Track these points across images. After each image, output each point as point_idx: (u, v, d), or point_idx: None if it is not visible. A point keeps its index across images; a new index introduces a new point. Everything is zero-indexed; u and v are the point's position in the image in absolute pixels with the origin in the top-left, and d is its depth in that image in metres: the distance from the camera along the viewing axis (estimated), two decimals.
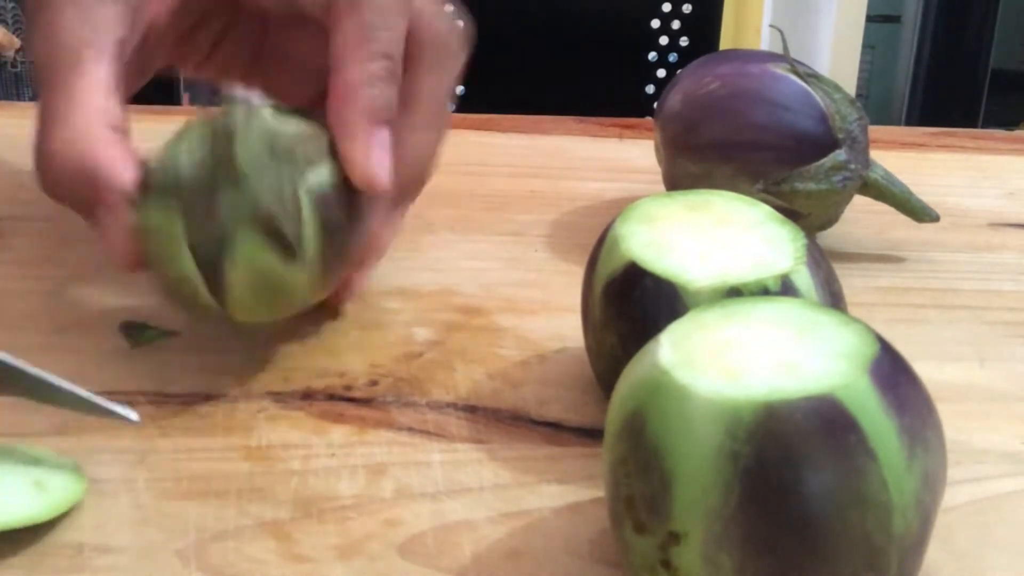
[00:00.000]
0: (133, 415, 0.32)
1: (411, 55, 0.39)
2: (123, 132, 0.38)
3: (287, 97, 0.42)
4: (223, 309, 0.34)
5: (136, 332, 0.38)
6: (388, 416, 0.35)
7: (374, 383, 0.37)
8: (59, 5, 0.38)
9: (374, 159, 0.36)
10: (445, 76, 0.41)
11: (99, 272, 0.43)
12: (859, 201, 0.48)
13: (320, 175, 0.35)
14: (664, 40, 1.09)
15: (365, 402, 0.36)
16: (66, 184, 0.36)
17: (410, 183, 0.40)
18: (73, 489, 0.30)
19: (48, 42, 0.38)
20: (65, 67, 0.37)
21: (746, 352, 0.25)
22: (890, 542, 0.24)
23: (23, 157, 0.55)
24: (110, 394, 0.36)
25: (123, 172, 0.35)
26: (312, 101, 0.43)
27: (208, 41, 0.45)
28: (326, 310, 0.40)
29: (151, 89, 0.44)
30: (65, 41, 0.37)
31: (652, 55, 1.10)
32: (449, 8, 0.41)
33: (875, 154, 0.48)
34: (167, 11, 0.41)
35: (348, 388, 0.37)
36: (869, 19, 1.65)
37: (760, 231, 0.33)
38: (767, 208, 0.35)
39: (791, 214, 0.44)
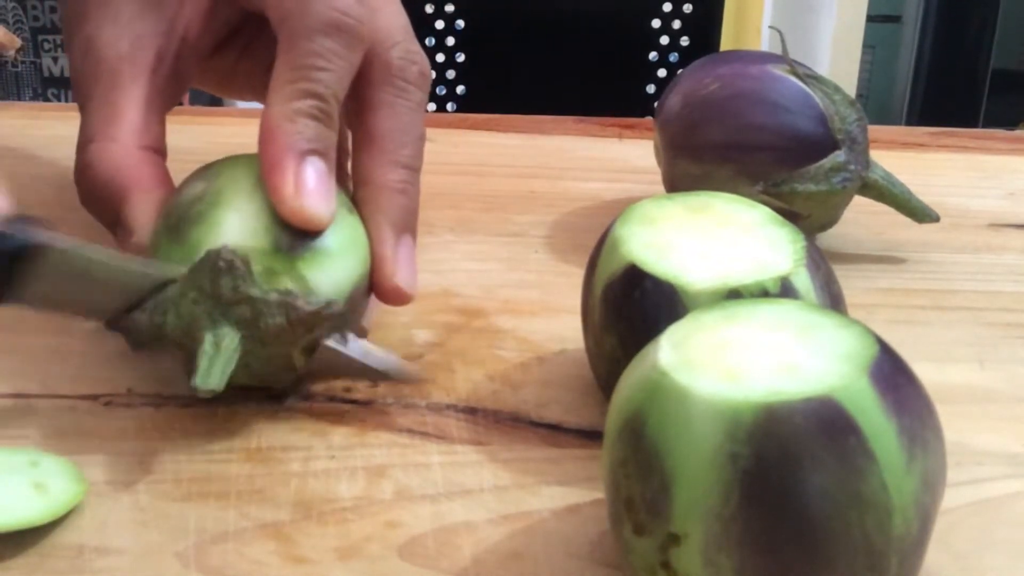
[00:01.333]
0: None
1: (363, 89, 0.39)
2: (158, 151, 0.38)
3: None
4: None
5: None
6: (388, 418, 0.35)
7: (374, 385, 0.37)
8: (98, 20, 0.38)
9: (301, 191, 0.34)
10: (401, 109, 0.39)
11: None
12: (859, 202, 0.48)
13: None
14: (664, 40, 1.09)
15: (365, 404, 0.36)
16: (96, 199, 0.37)
17: (391, 216, 0.37)
18: (73, 491, 0.30)
19: (87, 57, 0.38)
20: (104, 84, 0.38)
21: (746, 354, 0.25)
22: (890, 543, 0.24)
23: (23, 157, 0.56)
24: (110, 395, 0.36)
25: (145, 193, 0.36)
26: None
27: (232, 57, 0.45)
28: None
29: None
30: (104, 56, 0.38)
31: (652, 55, 1.10)
32: (413, 43, 0.40)
33: (875, 154, 0.48)
34: (199, 21, 0.40)
35: (348, 390, 0.37)
36: (869, 19, 1.65)
37: (760, 233, 0.33)
38: (767, 210, 0.35)
39: (791, 215, 0.44)
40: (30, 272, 0.33)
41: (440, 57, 1.03)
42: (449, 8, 1.02)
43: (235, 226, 0.34)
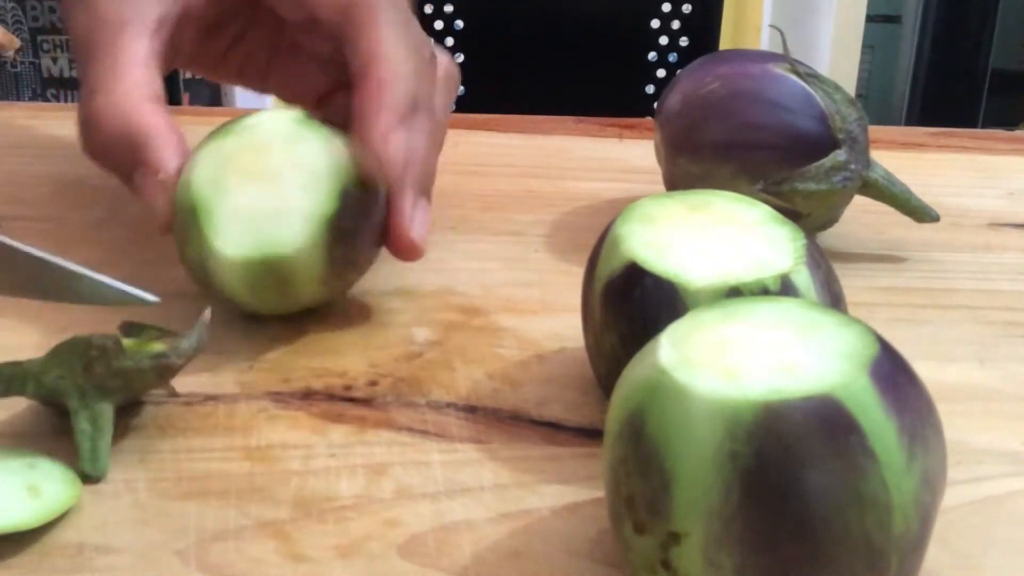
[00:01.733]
0: (151, 297, 0.34)
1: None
2: (162, 103, 0.40)
3: (300, 92, 0.47)
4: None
5: (135, 332, 0.38)
6: (388, 416, 0.35)
7: (374, 383, 0.37)
8: None
9: (415, 229, 0.39)
10: (447, 96, 0.44)
11: (98, 273, 0.43)
12: (859, 201, 0.48)
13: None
14: (664, 40, 1.10)
15: (365, 402, 0.36)
16: (109, 148, 0.38)
17: (415, 175, 0.40)
18: (67, 495, 0.30)
19: (90, 19, 0.40)
20: (106, 41, 0.39)
21: (746, 352, 0.25)
22: (890, 542, 0.24)
23: (24, 157, 0.56)
24: None
25: (164, 137, 0.38)
26: (323, 94, 0.46)
27: (227, 41, 0.46)
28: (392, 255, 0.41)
29: None
30: (106, 18, 0.40)
31: (652, 55, 1.10)
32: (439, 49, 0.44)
33: (875, 154, 0.48)
34: None
35: (348, 388, 0.37)
36: (869, 19, 1.65)
37: (760, 231, 0.33)
38: (767, 208, 0.35)
39: (791, 214, 0.44)
40: None
41: None
42: (448, 8, 1.02)
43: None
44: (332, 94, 0.46)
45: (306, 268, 0.37)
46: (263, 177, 0.37)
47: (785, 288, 0.31)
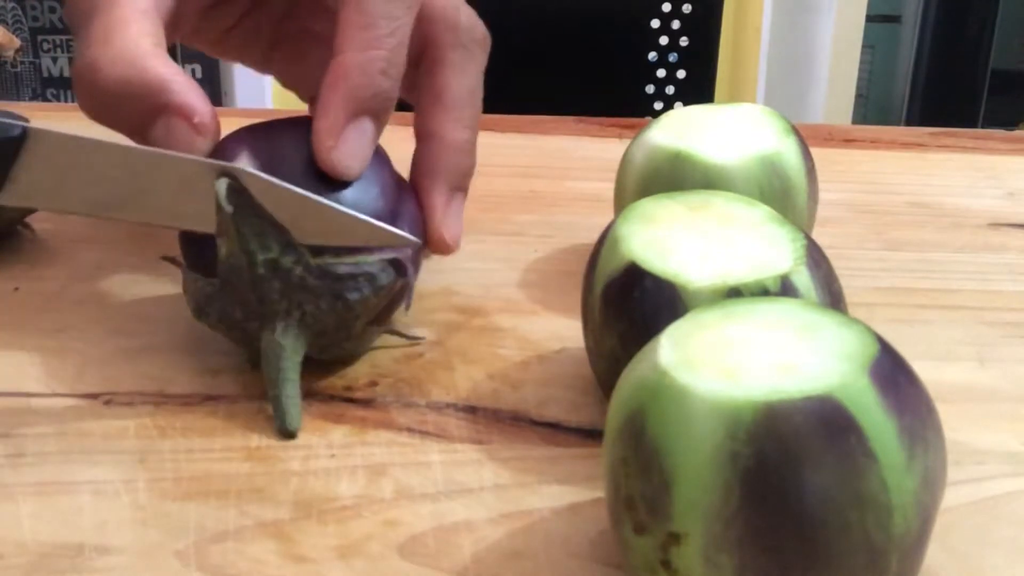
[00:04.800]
0: (412, 237, 0.35)
1: (433, 50, 0.40)
2: (167, 53, 0.37)
3: (303, 77, 0.45)
4: None
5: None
6: (388, 416, 0.35)
7: (374, 383, 0.37)
8: None
9: (347, 147, 0.35)
10: (470, 70, 0.40)
11: (99, 272, 0.43)
12: (859, 200, 0.48)
13: None
14: (664, 40, 1.10)
15: (365, 403, 0.36)
16: (116, 101, 0.35)
17: (450, 174, 0.39)
18: None
19: None
20: (105, 3, 0.36)
21: (746, 352, 0.25)
22: (890, 542, 0.24)
23: None
24: (110, 394, 0.36)
25: (184, 81, 0.35)
26: None
27: (232, 18, 0.45)
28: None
29: None
30: None
31: (652, 55, 1.10)
32: (466, 6, 0.41)
33: (875, 154, 0.48)
34: None
35: (348, 388, 0.37)
36: (869, 19, 1.65)
37: (760, 231, 0.33)
38: (767, 208, 0.35)
39: None
40: (26, 159, 0.33)
41: None
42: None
43: None
44: None
45: None
46: None
47: (785, 288, 0.31)
